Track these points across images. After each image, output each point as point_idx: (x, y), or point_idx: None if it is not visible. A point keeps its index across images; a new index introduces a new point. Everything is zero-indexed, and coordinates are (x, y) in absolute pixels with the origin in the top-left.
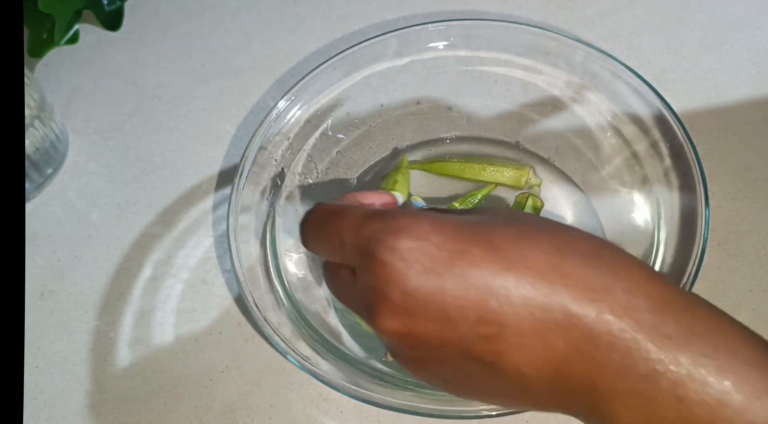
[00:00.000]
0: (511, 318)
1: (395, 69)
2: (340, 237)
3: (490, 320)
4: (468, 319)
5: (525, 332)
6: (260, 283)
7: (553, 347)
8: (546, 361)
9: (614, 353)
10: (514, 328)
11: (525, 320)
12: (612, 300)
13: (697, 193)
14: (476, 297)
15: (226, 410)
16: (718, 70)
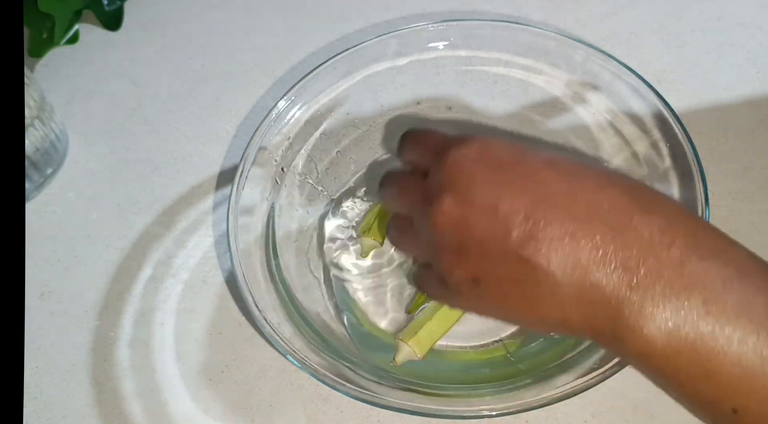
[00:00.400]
0: (552, 218)
1: (395, 69)
2: (427, 145)
3: (534, 218)
4: (517, 216)
5: (562, 235)
6: (260, 283)
7: (584, 251)
8: (576, 263)
9: (646, 263)
10: (554, 227)
11: (565, 223)
12: (650, 220)
13: (697, 194)
14: (528, 200)
15: (226, 410)
16: (718, 70)
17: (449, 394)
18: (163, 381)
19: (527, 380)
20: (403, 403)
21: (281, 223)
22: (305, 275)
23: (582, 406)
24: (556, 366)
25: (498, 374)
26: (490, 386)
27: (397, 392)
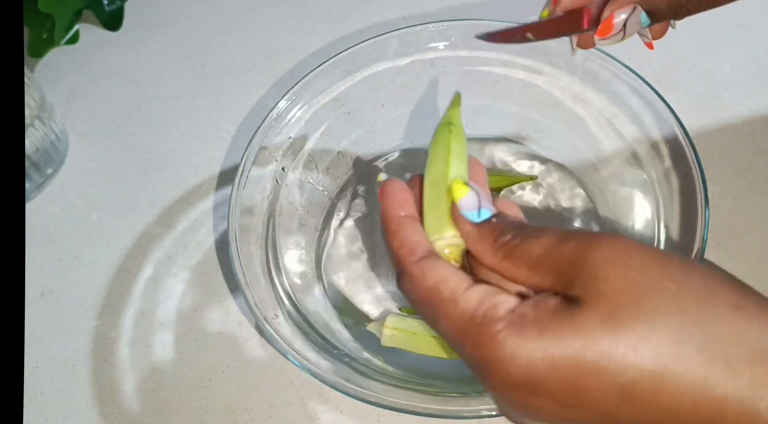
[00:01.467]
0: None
1: (395, 69)
2: (445, 333)
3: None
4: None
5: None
6: (260, 283)
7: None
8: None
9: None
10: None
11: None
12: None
13: (697, 194)
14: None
15: (226, 410)
16: (718, 70)
17: (449, 394)
18: (163, 381)
19: None
20: (403, 403)
21: (281, 222)
22: (305, 275)
23: None
24: None
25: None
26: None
27: (397, 392)
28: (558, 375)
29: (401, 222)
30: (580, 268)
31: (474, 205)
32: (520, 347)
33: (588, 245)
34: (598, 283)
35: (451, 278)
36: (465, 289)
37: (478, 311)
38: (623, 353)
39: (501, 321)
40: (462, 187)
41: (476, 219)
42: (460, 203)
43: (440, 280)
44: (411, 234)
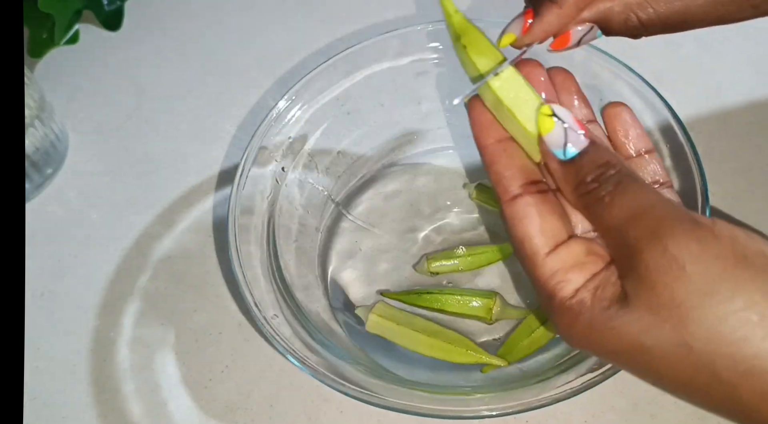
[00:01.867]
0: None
1: (395, 69)
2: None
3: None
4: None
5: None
6: (260, 283)
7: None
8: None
9: None
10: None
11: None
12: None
13: (697, 194)
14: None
15: (226, 410)
16: (718, 70)
17: (449, 394)
18: (163, 381)
19: (527, 380)
20: (403, 403)
21: (281, 222)
22: (305, 275)
23: (582, 406)
24: (556, 366)
25: (498, 375)
26: (489, 386)
27: (397, 392)
28: (604, 357)
29: (494, 152)
30: (636, 263)
31: (560, 142)
32: (573, 329)
33: (648, 243)
34: (645, 290)
35: (534, 236)
36: (545, 254)
37: (550, 282)
38: (656, 368)
39: (563, 300)
40: (548, 121)
41: (562, 157)
42: (547, 139)
43: (525, 236)
44: (505, 165)
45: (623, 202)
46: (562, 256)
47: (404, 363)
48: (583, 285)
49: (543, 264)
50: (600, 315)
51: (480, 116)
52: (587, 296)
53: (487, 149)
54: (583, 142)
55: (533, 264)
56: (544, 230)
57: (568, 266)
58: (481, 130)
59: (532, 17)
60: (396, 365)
